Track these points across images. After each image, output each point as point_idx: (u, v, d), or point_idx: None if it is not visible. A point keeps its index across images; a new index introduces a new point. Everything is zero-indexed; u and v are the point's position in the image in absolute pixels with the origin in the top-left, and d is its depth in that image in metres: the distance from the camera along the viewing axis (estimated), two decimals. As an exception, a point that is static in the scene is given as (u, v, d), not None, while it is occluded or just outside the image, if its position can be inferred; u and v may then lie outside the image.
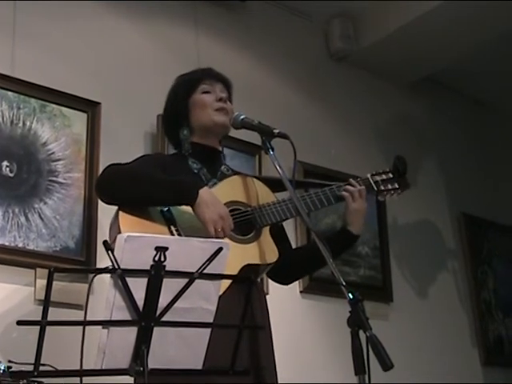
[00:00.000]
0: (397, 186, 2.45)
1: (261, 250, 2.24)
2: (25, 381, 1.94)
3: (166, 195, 2.15)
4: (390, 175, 2.45)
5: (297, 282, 3.59)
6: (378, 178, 2.44)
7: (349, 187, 2.37)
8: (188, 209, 2.16)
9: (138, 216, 2.15)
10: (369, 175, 2.44)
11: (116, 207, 2.20)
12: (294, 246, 2.64)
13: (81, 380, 1.65)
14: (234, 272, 2.13)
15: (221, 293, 1.95)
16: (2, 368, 1.99)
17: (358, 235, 2.37)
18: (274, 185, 2.37)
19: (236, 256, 2.13)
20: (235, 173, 2.43)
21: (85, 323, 1.63)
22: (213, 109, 2.38)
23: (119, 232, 2.06)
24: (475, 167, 5.06)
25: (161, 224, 2.16)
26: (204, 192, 2.14)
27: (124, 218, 2.13)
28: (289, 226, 3.60)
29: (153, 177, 2.21)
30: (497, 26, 4.17)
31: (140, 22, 3.55)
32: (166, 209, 2.19)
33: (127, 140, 3.26)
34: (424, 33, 4.16)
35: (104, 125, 3.18)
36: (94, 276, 1.65)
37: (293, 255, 2.44)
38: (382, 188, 2.44)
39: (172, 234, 2.14)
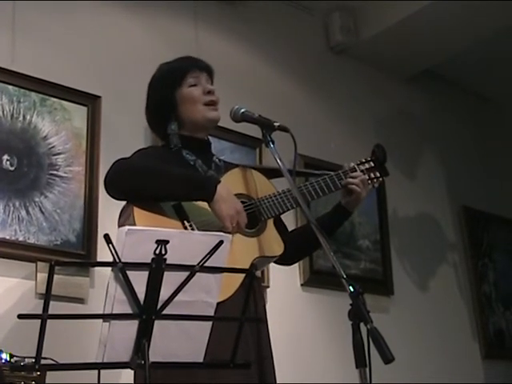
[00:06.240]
0: (378, 175, 2.47)
1: (268, 243, 2.24)
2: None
3: (184, 191, 2.12)
4: (372, 164, 2.47)
5: (298, 275, 3.65)
6: (362, 167, 2.46)
7: (356, 178, 2.38)
8: (199, 203, 2.15)
9: (153, 211, 2.12)
10: (355, 165, 2.46)
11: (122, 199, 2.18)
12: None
13: (99, 373, 1.65)
14: (246, 265, 2.10)
15: (226, 297, 1.98)
16: (4, 357, 1.98)
17: (351, 212, 2.42)
18: (272, 172, 2.37)
19: (246, 249, 2.13)
20: (227, 164, 2.42)
21: (87, 316, 1.63)
22: (202, 103, 2.35)
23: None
24: (476, 160, 5.06)
25: (174, 219, 2.14)
26: (221, 187, 2.12)
27: (139, 213, 2.09)
28: (289, 217, 3.63)
29: (169, 172, 2.17)
30: (497, 20, 4.17)
31: (140, 16, 3.55)
32: (176, 203, 2.17)
33: (127, 133, 3.26)
34: (424, 26, 4.16)
35: (104, 118, 3.18)
36: (113, 269, 1.62)
37: (294, 240, 2.41)
38: (367, 177, 2.46)
39: (186, 229, 2.12)
